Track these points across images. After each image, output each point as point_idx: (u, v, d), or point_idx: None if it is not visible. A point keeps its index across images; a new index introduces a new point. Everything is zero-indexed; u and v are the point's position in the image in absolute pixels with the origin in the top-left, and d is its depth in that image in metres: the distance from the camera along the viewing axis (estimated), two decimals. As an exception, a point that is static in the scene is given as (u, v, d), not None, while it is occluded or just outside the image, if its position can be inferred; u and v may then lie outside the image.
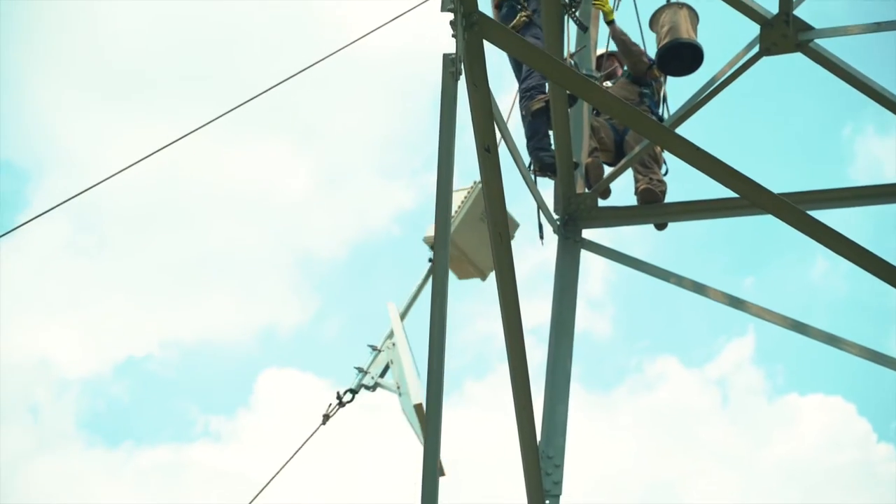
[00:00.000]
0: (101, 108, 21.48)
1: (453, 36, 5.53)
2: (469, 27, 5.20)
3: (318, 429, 7.80)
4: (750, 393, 20.98)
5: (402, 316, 8.12)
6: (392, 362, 7.92)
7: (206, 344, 22.08)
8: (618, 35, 9.01)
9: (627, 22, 9.42)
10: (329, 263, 22.26)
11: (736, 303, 7.71)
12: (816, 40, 7.29)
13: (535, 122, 7.92)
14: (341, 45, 7.68)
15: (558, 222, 8.04)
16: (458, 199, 8.06)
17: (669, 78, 9.04)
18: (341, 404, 7.88)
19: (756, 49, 7.41)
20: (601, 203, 8.25)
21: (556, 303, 7.64)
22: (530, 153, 8.01)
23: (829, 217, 7.74)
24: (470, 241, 7.94)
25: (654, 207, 8.29)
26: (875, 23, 7.49)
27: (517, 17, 7.99)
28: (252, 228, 21.63)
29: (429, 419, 5.16)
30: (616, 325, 20.88)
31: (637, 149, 8.19)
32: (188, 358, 21.75)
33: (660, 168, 8.56)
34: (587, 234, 8.14)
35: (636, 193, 8.43)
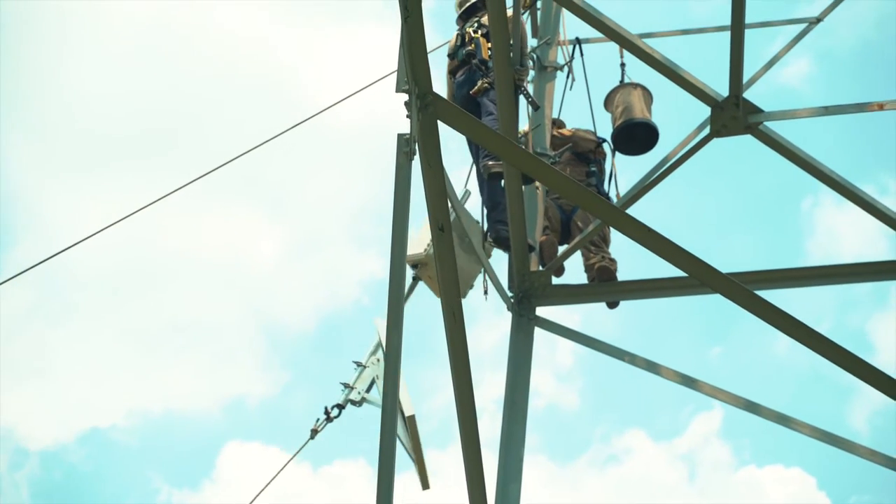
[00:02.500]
0: (72, 175, 21.50)
1: (408, 116, 5.60)
2: (423, 108, 5.26)
3: (306, 443, 8.02)
4: (716, 466, 21.07)
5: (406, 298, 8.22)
6: (378, 377, 8.01)
7: (172, 414, 21.94)
8: (565, 139, 9.17)
9: (580, 102, 9.57)
10: (298, 335, 22.25)
11: (688, 381, 7.74)
12: (766, 123, 7.41)
13: (495, 194, 7.99)
14: (310, 115, 7.82)
15: (512, 300, 8.07)
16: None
17: (619, 156, 9.19)
18: (329, 419, 8.05)
19: (707, 130, 7.52)
20: (554, 280, 8.31)
21: (509, 380, 7.64)
22: (489, 224, 8.08)
23: (793, 294, 7.90)
24: None
25: (607, 286, 8.36)
26: (823, 107, 7.63)
27: (479, 84, 8.08)
28: (222, 298, 21.59)
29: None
30: (584, 397, 20.93)
31: (591, 227, 8.28)
32: (153, 428, 21.59)
33: (608, 246, 8.66)
34: (542, 311, 8.18)
35: (588, 271, 8.50)
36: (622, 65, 9.61)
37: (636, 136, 9.16)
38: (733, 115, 7.35)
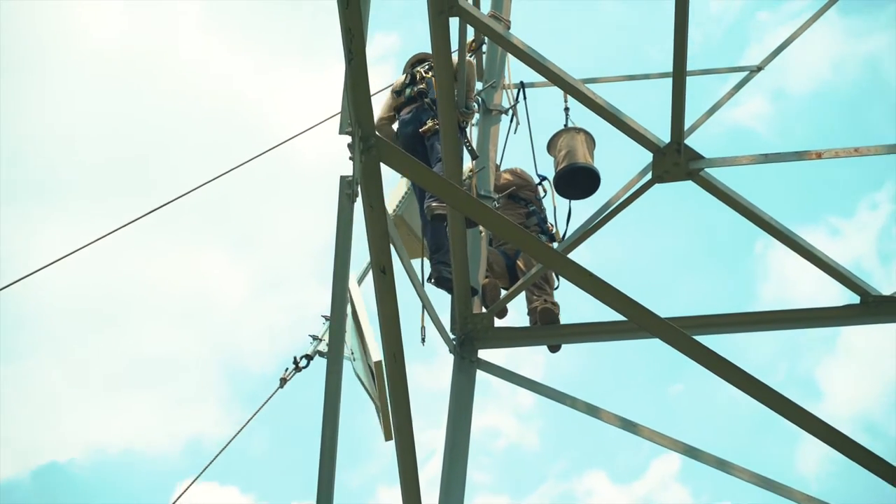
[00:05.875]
0: (29, 205, 21.28)
1: (350, 158, 5.59)
2: (366, 150, 5.26)
3: (275, 392, 8.11)
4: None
5: (360, 281, 8.25)
6: (346, 329, 8.07)
7: (131, 451, 21.74)
8: (507, 185, 9.23)
9: (525, 145, 9.63)
10: (260, 375, 22.12)
11: (629, 426, 7.76)
12: (707, 169, 7.47)
13: (439, 236, 8.01)
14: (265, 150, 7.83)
15: (454, 342, 8.07)
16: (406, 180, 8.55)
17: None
18: (297, 369, 8.17)
19: (649, 176, 7.57)
20: (497, 323, 8.32)
21: (450, 423, 7.62)
22: (432, 265, 8.09)
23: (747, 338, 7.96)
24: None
25: (549, 329, 8.38)
26: (763, 154, 7.71)
27: (429, 124, 8.11)
28: (183, 334, 21.42)
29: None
30: (544, 437, 20.93)
31: (534, 270, 8.30)
32: (111, 464, 21.38)
33: (552, 288, 8.70)
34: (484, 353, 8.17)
35: (531, 314, 8.53)
36: (566, 109, 9.68)
37: (578, 180, 9.21)
38: (675, 161, 7.41)
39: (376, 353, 7.48)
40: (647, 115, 7.72)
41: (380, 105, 8.68)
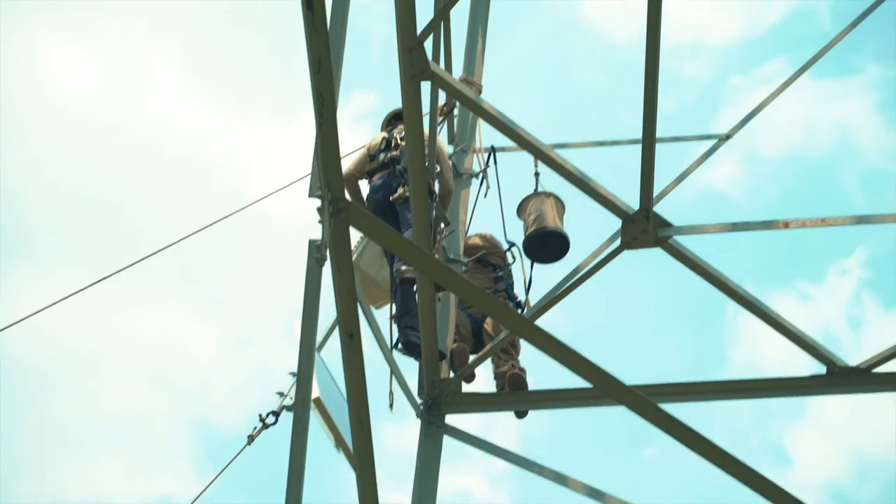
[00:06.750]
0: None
1: (319, 222, 5.58)
2: (335, 214, 5.26)
3: (243, 448, 8.10)
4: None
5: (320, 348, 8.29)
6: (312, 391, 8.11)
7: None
8: (476, 247, 9.27)
9: (494, 209, 9.67)
10: (229, 435, 21.90)
11: (595, 494, 7.72)
12: (675, 237, 7.49)
13: (408, 300, 7.98)
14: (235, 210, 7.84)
15: (421, 406, 8.02)
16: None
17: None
18: (265, 426, 8.14)
19: (618, 242, 7.57)
20: (465, 388, 8.29)
21: (416, 489, 7.55)
22: (399, 330, 8.04)
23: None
24: (376, 267, 8.84)
25: (516, 395, 8.36)
26: (731, 223, 7.74)
27: (400, 191, 8.10)
28: (151, 392, 21.24)
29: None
30: (516, 501, 20.79)
31: (502, 335, 8.29)
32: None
33: (518, 354, 8.69)
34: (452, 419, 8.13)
35: (498, 379, 8.51)
36: (536, 174, 9.75)
37: (547, 244, 9.27)
38: (643, 228, 7.41)
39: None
40: (618, 180, 7.73)
41: (351, 159, 8.67)
